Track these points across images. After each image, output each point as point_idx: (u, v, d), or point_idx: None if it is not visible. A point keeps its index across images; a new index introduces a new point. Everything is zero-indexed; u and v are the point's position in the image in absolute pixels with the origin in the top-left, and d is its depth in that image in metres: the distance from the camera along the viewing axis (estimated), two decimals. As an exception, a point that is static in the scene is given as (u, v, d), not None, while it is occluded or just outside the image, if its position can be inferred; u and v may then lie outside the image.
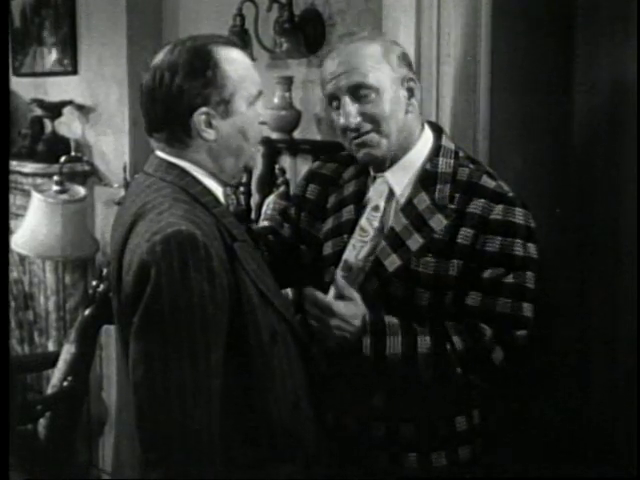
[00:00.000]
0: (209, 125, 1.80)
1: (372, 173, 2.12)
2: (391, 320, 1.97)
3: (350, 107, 2.00)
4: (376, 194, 2.10)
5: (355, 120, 2.00)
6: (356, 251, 2.07)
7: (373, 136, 2.02)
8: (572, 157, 2.73)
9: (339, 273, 2.04)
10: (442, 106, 2.55)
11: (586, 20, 2.66)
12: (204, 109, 1.78)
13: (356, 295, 1.96)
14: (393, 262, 2.01)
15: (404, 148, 2.06)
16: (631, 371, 2.49)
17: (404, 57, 2.06)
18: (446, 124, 2.53)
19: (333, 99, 2.03)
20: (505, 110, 2.62)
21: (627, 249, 2.59)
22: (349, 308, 1.94)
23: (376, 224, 2.07)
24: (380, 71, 2.00)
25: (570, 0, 2.67)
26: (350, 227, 2.09)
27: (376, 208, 2.08)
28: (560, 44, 2.69)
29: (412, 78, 2.05)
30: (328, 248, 2.11)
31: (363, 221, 2.09)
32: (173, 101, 1.78)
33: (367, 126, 2.01)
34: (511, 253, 1.99)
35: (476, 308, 1.98)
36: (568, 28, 2.68)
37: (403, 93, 2.03)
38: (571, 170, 2.73)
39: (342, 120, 2.02)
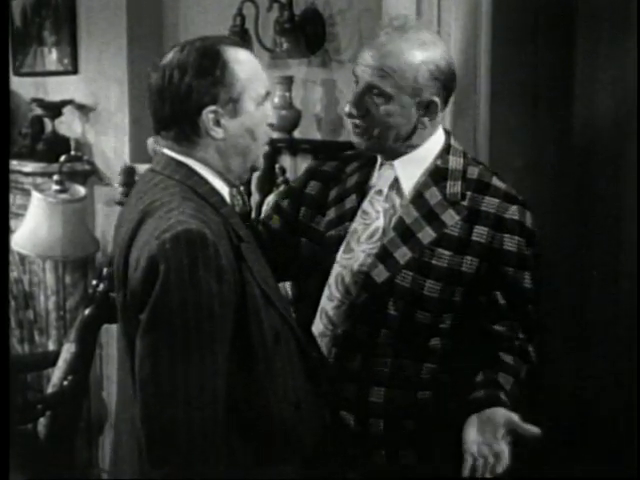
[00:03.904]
0: (217, 124, 1.80)
1: (380, 160, 2.13)
2: None
3: (356, 97, 2.03)
4: (381, 180, 2.11)
5: (352, 110, 2.04)
6: (357, 234, 2.08)
7: (363, 128, 2.05)
8: (572, 158, 2.73)
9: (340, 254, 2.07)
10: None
11: (586, 20, 2.66)
12: (212, 107, 1.78)
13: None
14: (404, 254, 2.02)
15: (411, 146, 2.07)
16: (631, 371, 2.49)
17: (440, 70, 2.01)
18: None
19: (355, 82, 2.06)
20: (505, 111, 2.63)
21: (627, 250, 2.59)
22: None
23: (379, 208, 2.09)
24: (402, 81, 1.99)
25: (570, 0, 2.67)
26: (352, 214, 2.10)
27: (379, 192, 2.10)
28: (560, 44, 2.69)
29: (434, 101, 2.01)
30: (331, 237, 2.11)
31: (366, 204, 2.10)
32: (182, 99, 1.78)
33: (362, 121, 2.04)
34: (525, 253, 2.03)
35: (506, 308, 2.04)
36: (569, 28, 2.69)
37: (418, 110, 2.02)
38: (571, 171, 2.73)
39: (347, 103, 2.06)
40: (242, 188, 3.11)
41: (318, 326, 2.10)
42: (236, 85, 1.80)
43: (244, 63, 1.82)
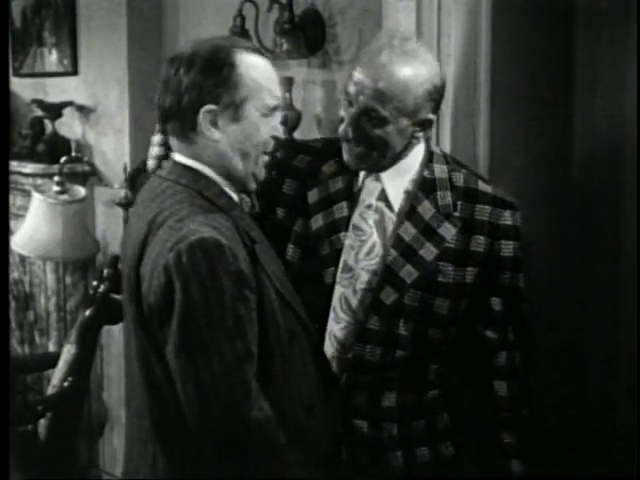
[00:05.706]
0: (214, 124, 1.77)
1: (361, 172, 2.09)
2: None
3: (352, 120, 1.99)
4: (367, 192, 2.08)
5: (348, 133, 2.00)
6: (354, 251, 2.06)
7: (360, 151, 2.02)
8: (572, 158, 2.73)
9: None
10: (442, 107, 2.54)
11: (586, 20, 2.66)
12: (211, 107, 1.76)
13: None
14: (410, 273, 2.01)
15: (397, 158, 2.05)
16: (631, 371, 2.49)
17: (436, 89, 2.00)
18: (446, 125, 2.53)
19: (348, 101, 2.02)
20: (505, 111, 2.62)
21: (627, 250, 2.59)
22: None
23: (371, 222, 2.06)
24: (401, 104, 1.96)
25: (570, 0, 2.67)
26: (345, 224, 2.06)
27: (369, 206, 2.07)
28: (561, 44, 2.69)
29: (429, 118, 2.01)
30: (325, 248, 2.07)
31: (356, 219, 2.07)
32: (183, 92, 1.76)
33: (357, 143, 2.01)
34: (519, 256, 2.05)
35: (502, 313, 2.06)
36: (568, 28, 2.69)
37: (414, 128, 2.01)
38: (571, 170, 2.73)
39: (342, 125, 2.02)
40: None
41: (328, 349, 2.07)
42: (240, 90, 1.77)
43: (255, 70, 1.79)
